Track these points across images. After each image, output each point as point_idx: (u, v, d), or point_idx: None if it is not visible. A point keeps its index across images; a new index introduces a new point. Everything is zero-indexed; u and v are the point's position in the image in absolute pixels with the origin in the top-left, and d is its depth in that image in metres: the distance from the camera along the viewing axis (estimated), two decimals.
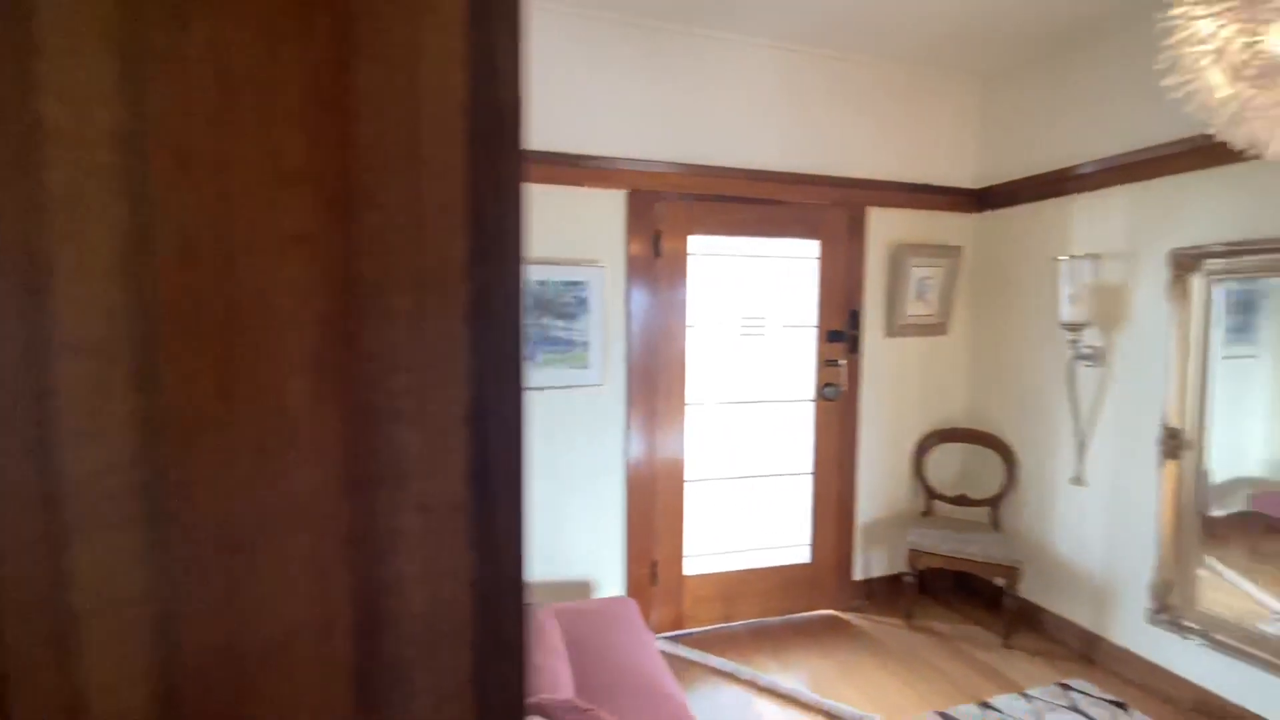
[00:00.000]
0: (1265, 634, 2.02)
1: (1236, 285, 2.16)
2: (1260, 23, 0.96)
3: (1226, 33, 0.94)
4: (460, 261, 0.29)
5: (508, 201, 0.30)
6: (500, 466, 0.30)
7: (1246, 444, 2.34)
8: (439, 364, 0.29)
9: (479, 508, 0.29)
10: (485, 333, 0.30)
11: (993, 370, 2.95)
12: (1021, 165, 2.75)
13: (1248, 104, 0.96)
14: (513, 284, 0.30)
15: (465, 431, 0.29)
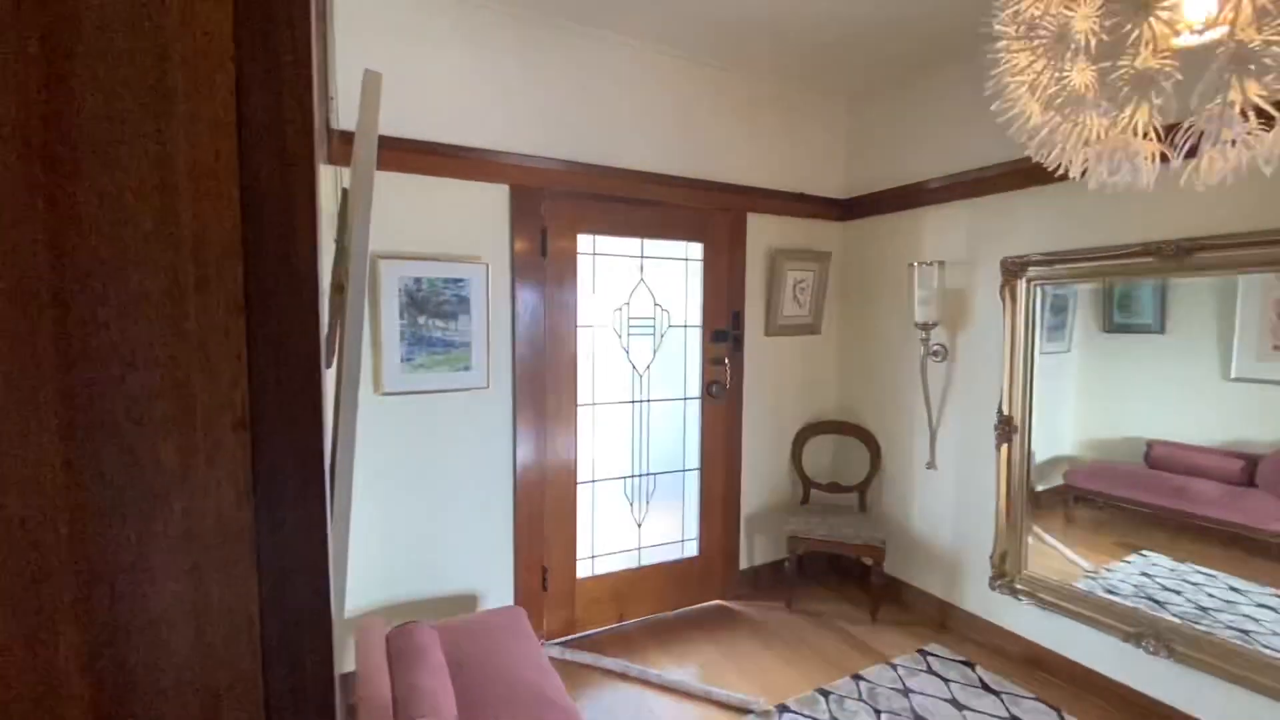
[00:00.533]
0: (1078, 591, 2.35)
1: (1053, 289, 2.50)
2: (1067, 60, 1.10)
3: (1039, 67, 1.08)
4: (227, 238, 0.24)
5: (295, 174, 0.26)
6: (290, 480, 0.25)
7: (1061, 427, 2.72)
8: (200, 360, 0.24)
9: (262, 530, 0.24)
10: (265, 324, 0.25)
11: (859, 366, 3.19)
12: (882, 179, 3.00)
13: (1055, 131, 1.10)
14: (304, 268, 0.26)
15: (238, 440, 0.25)
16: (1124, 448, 2.54)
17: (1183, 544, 2.34)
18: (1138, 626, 2.13)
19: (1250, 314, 2.12)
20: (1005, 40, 1.11)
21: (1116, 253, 2.13)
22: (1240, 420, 2.14)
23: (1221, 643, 1.96)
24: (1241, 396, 2.15)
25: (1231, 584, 2.11)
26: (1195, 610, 2.10)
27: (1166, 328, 2.35)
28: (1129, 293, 2.47)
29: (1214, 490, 2.27)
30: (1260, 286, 2.05)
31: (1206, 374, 2.21)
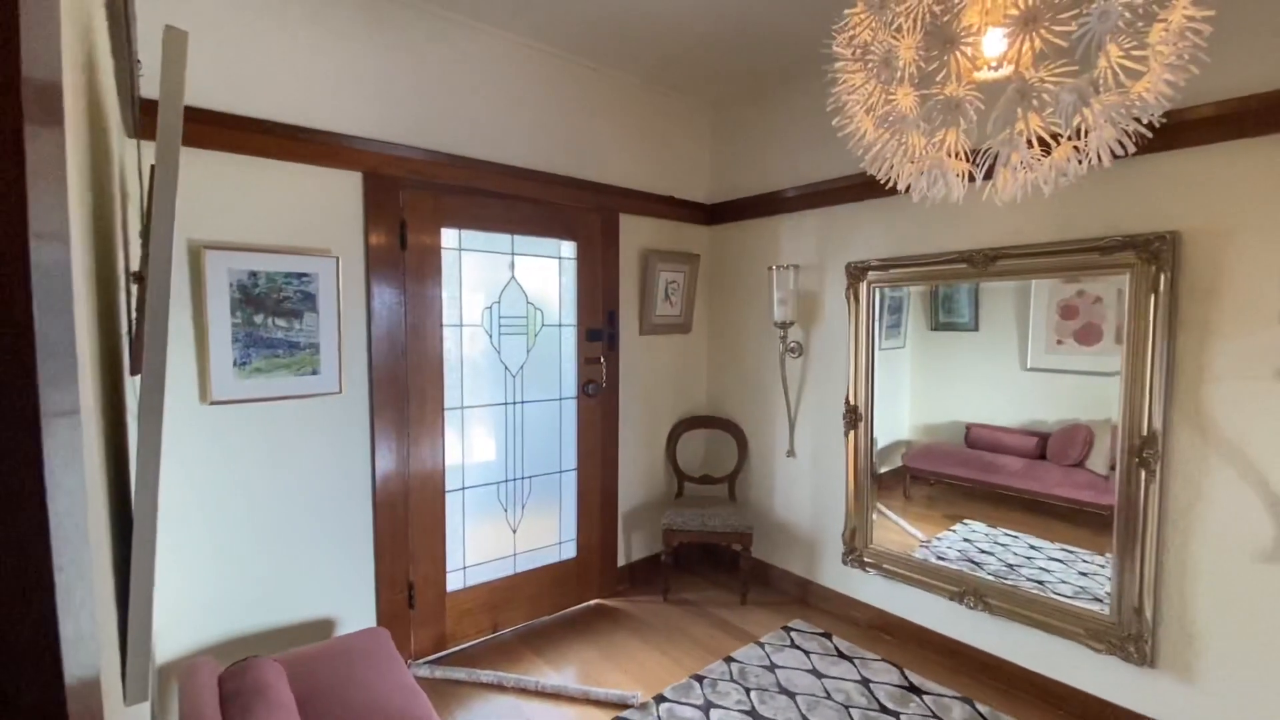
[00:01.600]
0: (914, 559, 2.63)
1: (890, 291, 2.79)
2: (894, 84, 1.22)
3: (870, 88, 1.19)
4: None
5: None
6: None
7: (900, 415, 3.05)
8: None
9: None
10: None
11: (726, 363, 3.35)
12: (744, 186, 3.17)
13: (885, 146, 1.22)
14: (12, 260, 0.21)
15: None
16: (949, 431, 2.91)
17: (995, 511, 2.73)
18: (961, 586, 2.44)
19: (1040, 314, 2.51)
20: (841, 61, 1.21)
21: (938, 259, 2.41)
22: (1035, 403, 2.53)
23: (1023, 593, 2.29)
24: (1035, 383, 2.54)
25: (1031, 543, 2.49)
26: (1005, 567, 2.45)
27: (980, 326, 2.71)
28: (950, 295, 2.83)
29: (1016, 464, 2.66)
30: (1048, 290, 2.44)
31: (1009, 365, 2.59)
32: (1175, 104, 1.85)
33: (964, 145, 1.22)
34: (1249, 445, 1.80)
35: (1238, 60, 1.76)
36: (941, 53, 1.03)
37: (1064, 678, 2.19)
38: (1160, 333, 1.91)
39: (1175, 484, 1.93)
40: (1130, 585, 2.01)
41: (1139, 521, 1.98)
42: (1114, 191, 2.01)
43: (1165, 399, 1.93)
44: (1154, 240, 1.90)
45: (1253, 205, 1.76)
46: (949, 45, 1.02)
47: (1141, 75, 1.10)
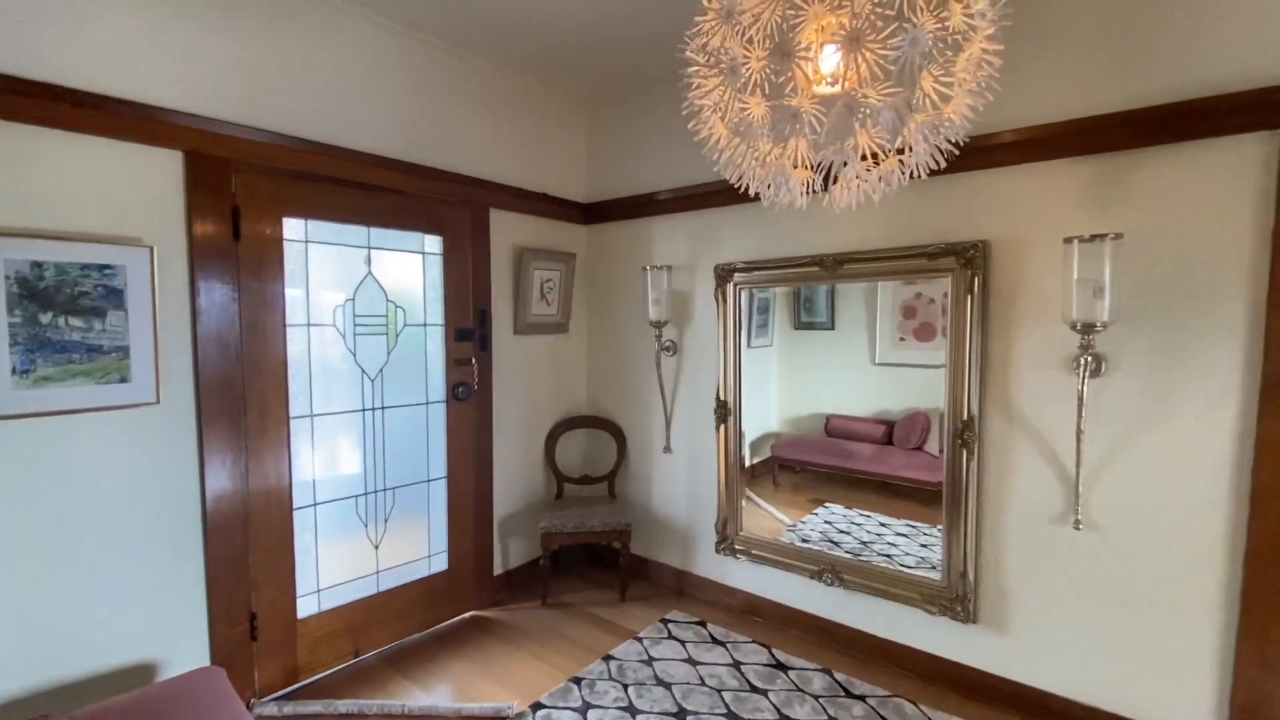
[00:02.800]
0: (781, 543, 2.79)
1: (758, 292, 2.94)
2: (746, 92, 1.27)
3: (721, 94, 1.23)
4: None
5: None
6: None
7: (769, 409, 3.23)
8: None
9: None
10: None
11: (605, 363, 3.36)
12: (620, 186, 3.20)
13: (737, 152, 1.27)
14: None
15: None
16: (812, 422, 3.13)
17: (852, 494, 2.97)
18: (820, 565, 2.62)
19: (886, 314, 2.78)
20: (695, 67, 1.25)
21: (795, 262, 2.58)
22: (883, 394, 2.79)
23: (873, 567, 2.51)
24: (883, 376, 2.81)
25: (881, 520, 2.74)
26: (859, 544, 2.67)
27: (836, 325, 2.95)
28: (811, 297, 3.04)
29: (868, 449, 2.91)
30: (892, 292, 2.70)
31: (861, 360, 2.84)
32: (986, 129, 2.13)
33: (809, 155, 1.30)
34: (1044, 426, 2.09)
35: (1034, 94, 2.04)
36: (780, 64, 1.09)
37: (907, 640, 2.43)
38: (975, 329, 2.17)
39: (990, 462, 2.21)
40: (956, 552, 2.27)
41: (962, 496, 2.24)
42: (939, 204, 2.25)
43: (980, 387, 2.19)
44: (969, 248, 2.15)
45: (1041, 219, 2.06)
46: (787, 58, 1.07)
47: (950, 99, 1.23)
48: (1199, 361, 1.84)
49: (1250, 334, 1.76)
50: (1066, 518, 2.06)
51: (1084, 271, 1.88)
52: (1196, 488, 1.86)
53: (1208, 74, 1.77)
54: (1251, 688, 1.80)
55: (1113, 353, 1.96)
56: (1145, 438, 1.93)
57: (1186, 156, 1.83)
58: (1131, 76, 1.88)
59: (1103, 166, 1.95)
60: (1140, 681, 1.97)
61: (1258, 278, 1.75)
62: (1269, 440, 1.74)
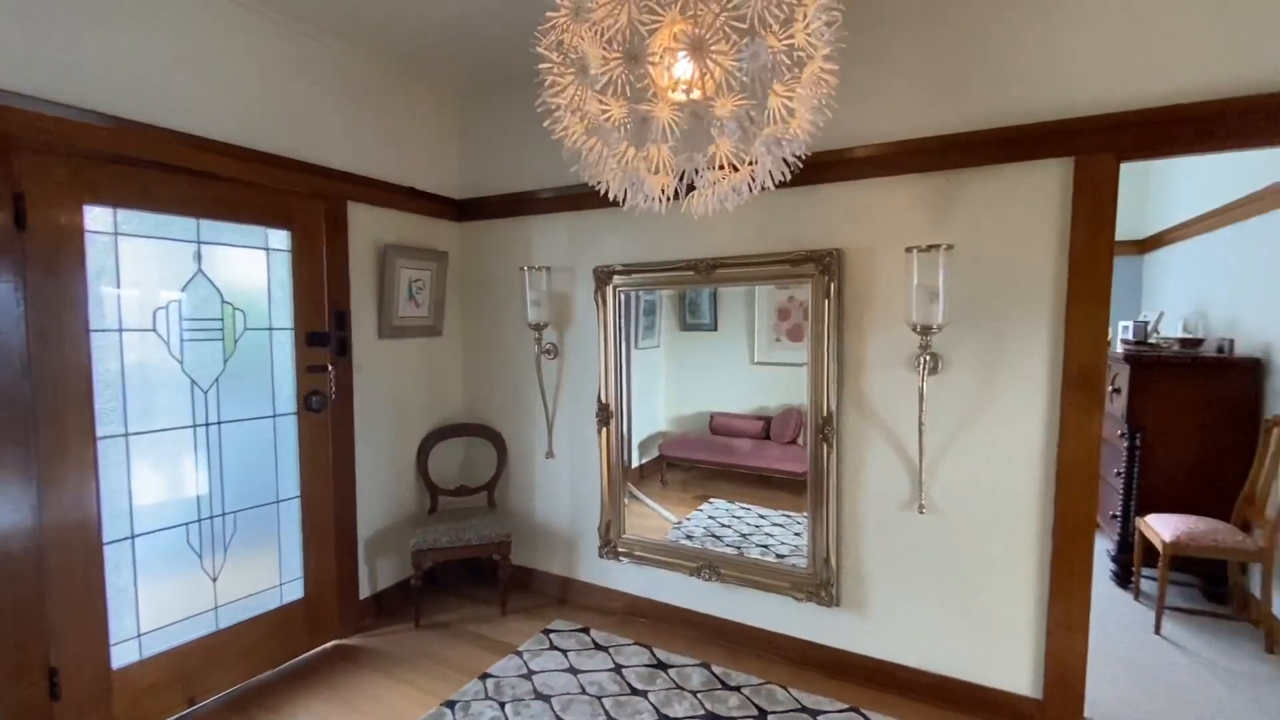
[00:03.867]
0: (663, 542, 2.82)
1: (644, 294, 2.94)
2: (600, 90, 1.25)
3: (574, 93, 1.20)
4: None
5: None
6: None
7: (657, 409, 3.26)
8: None
9: None
10: None
11: (483, 367, 3.23)
12: (496, 183, 3.08)
13: (593, 152, 1.24)
14: None
15: None
16: (698, 420, 3.20)
17: (734, 488, 3.07)
18: (698, 561, 2.68)
19: (763, 316, 2.90)
20: (548, 64, 1.20)
21: (671, 266, 2.61)
22: (761, 392, 2.91)
23: (747, 560, 2.60)
24: (761, 375, 2.93)
25: (760, 512, 2.85)
26: (739, 537, 2.76)
27: (719, 326, 3.04)
28: (695, 299, 3.11)
29: (748, 445, 3.02)
30: (768, 296, 2.82)
31: (741, 360, 2.95)
32: (841, 144, 2.27)
33: (668, 160, 1.29)
34: (892, 419, 2.27)
35: (882, 115, 2.20)
36: (629, 68, 1.07)
37: (778, 628, 2.54)
38: (832, 331, 2.31)
39: (847, 454, 2.36)
40: (820, 541, 2.40)
41: (823, 487, 2.38)
42: (800, 213, 2.37)
43: (838, 385, 2.34)
44: (825, 255, 2.29)
45: (887, 230, 2.23)
46: (634, 61, 1.06)
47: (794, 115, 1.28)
48: (1016, 359, 2.07)
49: (1054, 334, 2.01)
50: (913, 503, 2.25)
51: (922, 279, 2.06)
52: (1015, 471, 2.09)
53: (1018, 106, 2.00)
54: (1059, 645, 2.06)
55: (948, 352, 2.16)
56: (975, 428, 2.14)
57: (1006, 176, 2.05)
58: (960, 104, 2.08)
59: (939, 183, 2.15)
60: (974, 647, 2.19)
61: (1060, 284, 2.00)
62: (1069, 427, 2.00)
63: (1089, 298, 1.95)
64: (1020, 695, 2.12)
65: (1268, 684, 2.41)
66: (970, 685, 2.19)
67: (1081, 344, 1.96)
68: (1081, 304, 1.95)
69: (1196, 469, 3.09)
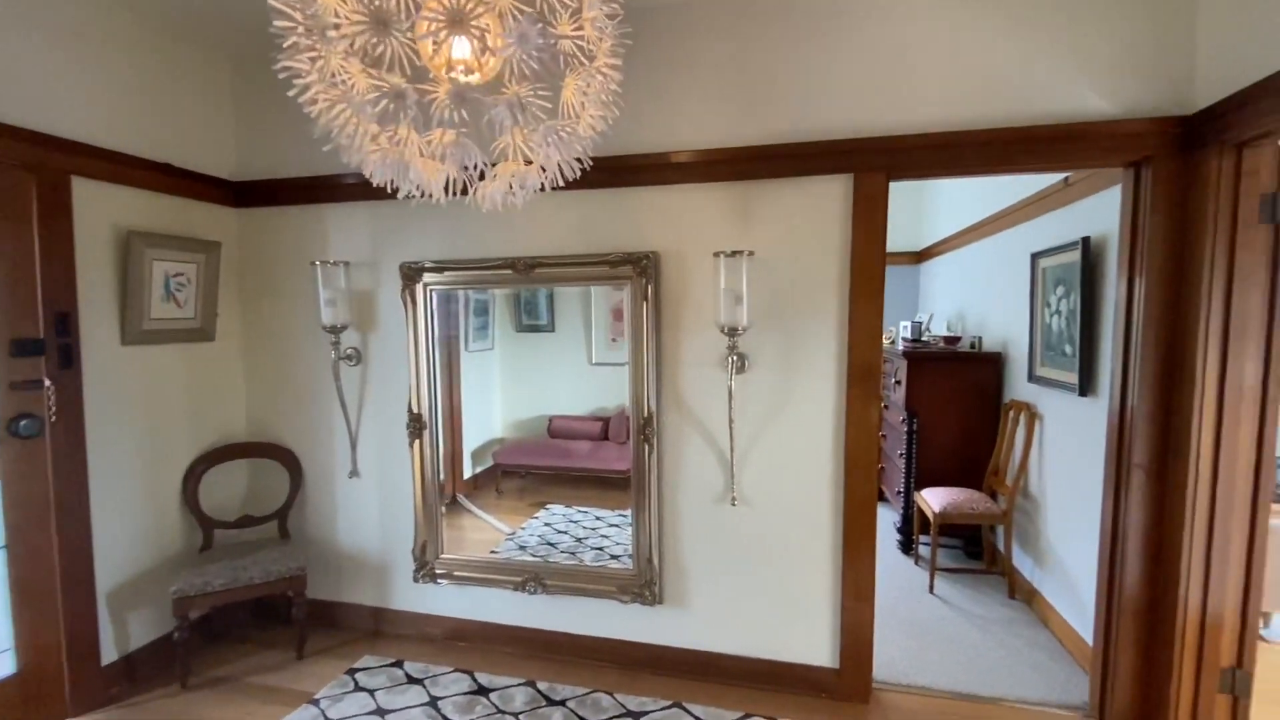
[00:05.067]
0: (486, 559, 2.65)
1: (477, 295, 2.74)
2: (351, 59, 1.08)
3: (317, 57, 1.02)
4: None
5: None
6: None
7: (493, 415, 3.07)
8: None
9: None
10: None
11: (270, 377, 2.81)
12: (283, 165, 2.69)
13: (346, 127, 1.08)
14: None
15: None
16: (535, 425, 3.07)
17: (574, 491, 2.99)
18: (523, 574, 2.56)
19: (600, 316, 2.85)
20: (285, 24, 1.01)
21: (487, 264, 2.46)
22: (600, 393, 2.85)
23: (571, 568, 2.53)
24: (599, 375, 2.88)
25: (597, 514, 2.80)
26: (574, 542, 2.68)
27: (556, 327, 2.94)
28: (531, 300, 2.97)
29: (586, 447, 2.96)
30: (606, 295, 2.78)
31: (580, 361, 2.88)
32: (656, 148, 2.29)
33: (437, 145, 1.16)
34: (707, 417, 2.34)
35: (694, 124, 2.25)
36: (375, 35, 0.93)
37: (605, 633, 2.51)
38: (651, 333, 2.33)
39: (667, 453, 2.40)
40: (644, 540, 2.41)
41: (646, 486, 2.39)
42: (618, 215, 2.36)
43: (657, 386, 2.36)
44: (642, 258, 2.30)
45: (699, 234, 2.29)
46: (382, 28, 0.92)
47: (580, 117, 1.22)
48: (811, 356, 2.23)
49: (840, 333, 2.20)
50: (726, 496, 2.33)
51: (728, 282, 2.14)
52: (812, 458, 2.26)
53: (809, 125, 2.16)
54: (851, 616, 2.26)
55: (753, 352, 2.28)
56: (778, 421, 2.28)
57: (799, 189, 2.20)
58: (761, 119, 2.19)
59: (743, 192, 2.25)
60: (782, 627, 2.33)
61: (843, 288, 2.18)
62: (853, 416, 2.20)
63: (867, 300, 2.15)
64: (821, 667, 2.30)
65: (1009, 624, 2.88)
66: (781, 664, 2.33)
67: (861, 341, 2.17)
68: (861, 306, 2.16)
69: (959, 447, 3.62)
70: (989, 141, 2.02)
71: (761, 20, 2.17)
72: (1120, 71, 1.92)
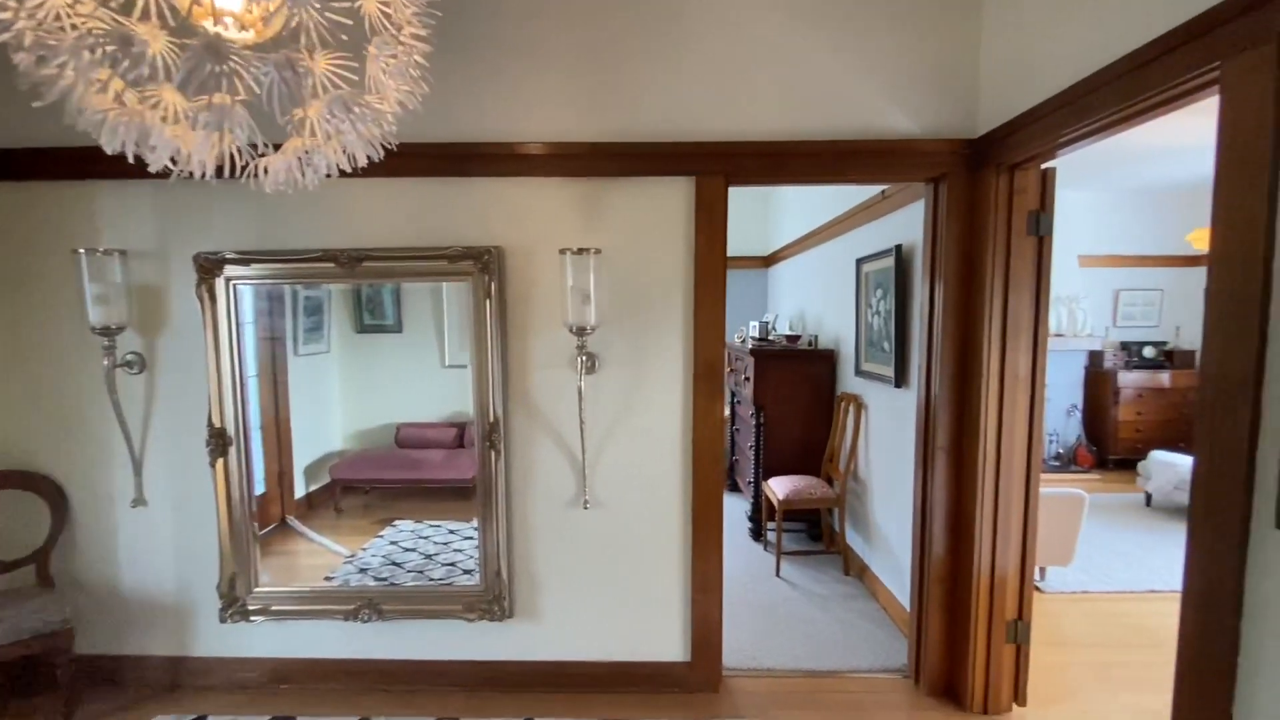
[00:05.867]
0: (317, 588, 2.36)
1: (307, 291, 2.40)
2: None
3: None
4: None
5: None
6: None
7: (331, 425, 2.73)
8: None
9: None
10: None
11: (21, 391, 2.28)
12: (35, 130, 2.19)
13: (64, 75, 0.86)
14: None
15: None
16: (381, 434, 2.77)
17: (426, 505, 2.75)
18: (356, 602, 2.31)
19: (453, 315, 2.63)
20: None
21: (304, 256, 2.19)
22: (455, 397, 2.63)
23: (414, 590, 2.34)
24: (454, 378, 2.66)
25: (451, 528, 2.60)
26: (424, 559, 2.46)
27: (404, 327, 2.67)
28: (374, 297, 2.68)
29: (440, 456, 2.73)
30: (459, 293, 2.57)
31: (432, 363, 2.63)
32: (499, 138, 2.17)
33: (207, 109, 0.97)
34: (557, 420, 2.27)
35: (540, 115, 2.15)
36: None
37: (451, 655, 2.34)
38: (496, 333, 2.20)
39: (516, 459, 2.29)
40: (491, 553, 2.28)
41: (493, 497, 2.26)
42: (458, 206, 2.21)
43: (504, 389, 2.24)
44: (484, 253, 2.17)
45: (546, 230, 2.21)
46: None
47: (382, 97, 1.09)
48: (659, 355, 2.24)
49: (686, 332, 2.23)
50: (579, 500, 2.28)
51: (576, 281, 2.08)
52: (662, 457, 2.27)
53: (654, 126, 2.16)
54: (700, 608, 2.30)
55: (603, 352, 2.24)
56: (628, 421, 2.26)
57: (646, 188, 2.20)
58: (608, 114, 2.16)
59: (591, 189, 2.20)
60: (637, 627, 2.32)
61: (688, 288, 2.22)
62: (699, 414, 2.24)
63: (710, 300, 2.21)
64: (674, 662, 2.33)
65: (845, 600, 3.13)
66: (636, 664, 2.32)
67: (705, 340, 2.22)
68: (705, 305, 2.21)
69: (802, 437, 3.88)
70: (818, 153, 2.15)
71: (610, 7, 2.13)
72: (924, 96, 2.14)
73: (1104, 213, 5.76)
